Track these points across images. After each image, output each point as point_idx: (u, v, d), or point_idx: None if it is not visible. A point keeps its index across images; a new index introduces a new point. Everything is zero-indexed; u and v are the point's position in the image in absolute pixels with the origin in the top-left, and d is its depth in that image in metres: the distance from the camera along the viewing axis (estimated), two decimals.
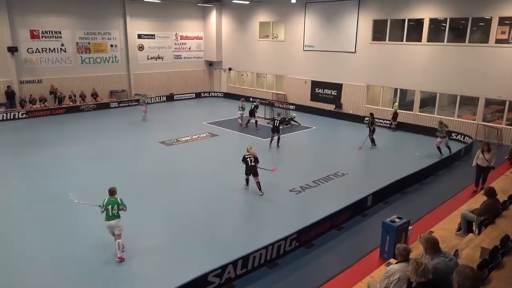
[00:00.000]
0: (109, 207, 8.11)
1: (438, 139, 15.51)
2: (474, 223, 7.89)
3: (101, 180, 12.67)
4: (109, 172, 13.53)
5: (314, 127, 20.97)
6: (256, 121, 20.46)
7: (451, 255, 5.30)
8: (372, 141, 16.96)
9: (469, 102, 20.45)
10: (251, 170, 11.68)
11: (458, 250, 6.24)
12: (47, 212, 10.47)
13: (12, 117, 21.69)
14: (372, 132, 16.82)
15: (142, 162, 14.73)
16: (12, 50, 22.33)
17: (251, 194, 12.08)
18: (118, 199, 8.23)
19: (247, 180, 12.11)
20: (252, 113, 20.39)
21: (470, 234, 7.43)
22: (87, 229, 9.50)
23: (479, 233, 7.26)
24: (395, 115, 20.28)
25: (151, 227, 9.93)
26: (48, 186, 12.24)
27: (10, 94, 22.62)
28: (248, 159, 11.69)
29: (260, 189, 11.72)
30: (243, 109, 20.66)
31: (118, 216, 8.17)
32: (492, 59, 17.85)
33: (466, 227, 8.10)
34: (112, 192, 8.29)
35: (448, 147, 15.59)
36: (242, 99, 21.72)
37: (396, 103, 20.75)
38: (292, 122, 21.31)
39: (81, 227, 9.64)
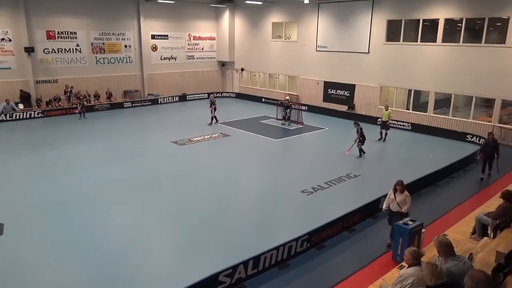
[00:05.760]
0: None
1: None
2: (489, 226, 7.75)
3: (111, 179, 12.87)
4: (121, 171, 13.67)
5: (326, 128, 20.86)
6: (215, 116, 21.01)
7: (465, 258, 5.21)
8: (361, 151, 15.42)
9: (485, 104, 20.10)
10: None
11: (472, 254, 6.14)
12: (62, 212, 10.63)
13: (28, 116, 22.20)
14: (360, 142, 15.22)
15: (154, 162, 14.85)
16: (29, 50, 22.78)
17: (262, 195, 12.09)
18: None
19: None
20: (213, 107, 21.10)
21: (485, 238, 7.29)
22: (102, 228, 9.65)
23: (494, 236, 7.13)
24: (385, 123, 17.94)
25: (163, 226, 10.00)
26: (61, 185, 12.43)
27: (25, 96, 23.15)
28: None
29: None
30: None
31: None
32: (509, 59, 17.48)
33: (481, 230, 7.96)
34: None
35: None
36: None
37: (389, 110, 17.93)
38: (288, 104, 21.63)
39: (97, 227, 9.77)
